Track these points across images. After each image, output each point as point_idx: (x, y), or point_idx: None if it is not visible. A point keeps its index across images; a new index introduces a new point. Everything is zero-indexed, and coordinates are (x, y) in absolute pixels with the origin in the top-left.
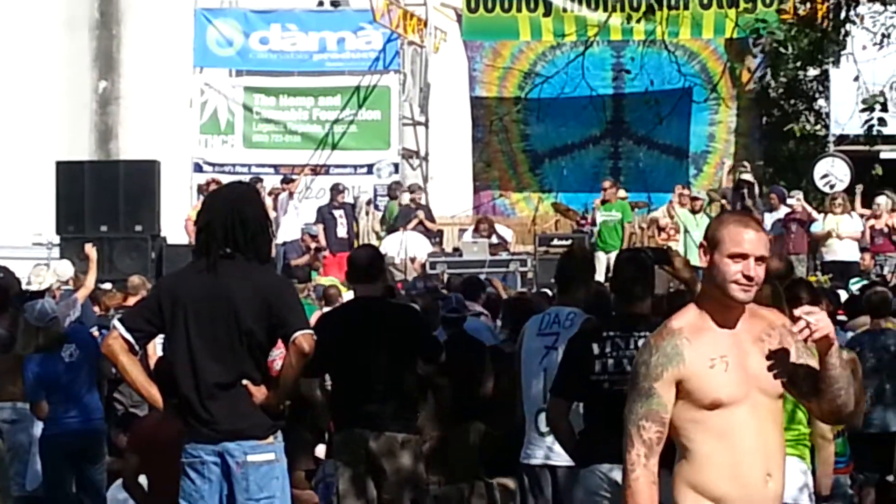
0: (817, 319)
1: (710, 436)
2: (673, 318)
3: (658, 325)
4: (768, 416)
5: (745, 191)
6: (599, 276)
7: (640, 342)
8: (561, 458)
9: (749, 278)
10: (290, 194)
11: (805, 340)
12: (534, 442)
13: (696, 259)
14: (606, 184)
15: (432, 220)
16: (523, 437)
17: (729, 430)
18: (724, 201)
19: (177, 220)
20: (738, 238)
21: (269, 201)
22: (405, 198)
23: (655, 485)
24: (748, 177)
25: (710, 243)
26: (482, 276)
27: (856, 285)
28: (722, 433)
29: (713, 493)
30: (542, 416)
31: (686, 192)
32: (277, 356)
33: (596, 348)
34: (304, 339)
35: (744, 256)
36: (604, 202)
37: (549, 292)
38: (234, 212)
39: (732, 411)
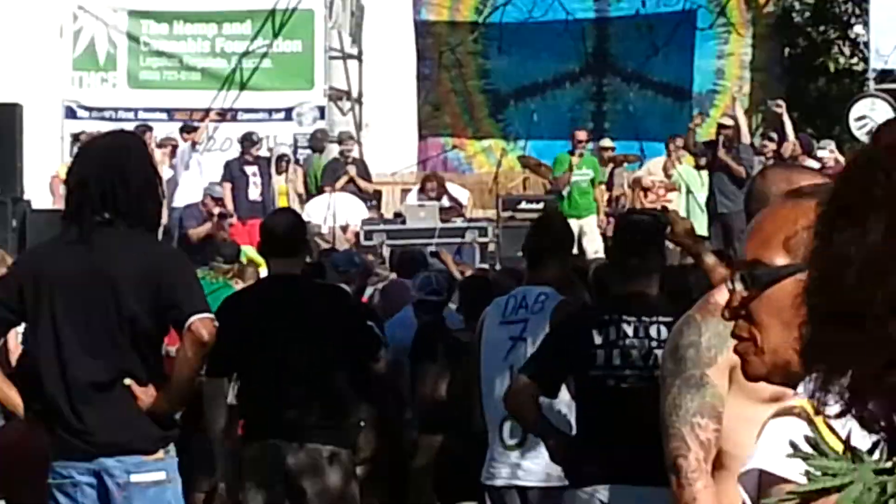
0: None
1: None
2: (717, 292)
3: (671, 307)
4: None
5: (722, 139)
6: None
7: (653, 330)
8: (531, 478)
9: None
10: (193, 145)
11: None
12: (497, 458)
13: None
14: (582, 135)
15: (367, 177)
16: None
17: None
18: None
19: (44, 179)
20: None
21: (159, 155)
22: (333, 150)
23: (717, 497)
24: (727, 120)
25: None
26: (430, 249)
27: None
28: None
29: None
30: (509, 426)
31: (679, 143)
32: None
33: (597, 337)
34: (202, 324)
35: None
36: (580, 156)
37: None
38: (113, 167)
39: None
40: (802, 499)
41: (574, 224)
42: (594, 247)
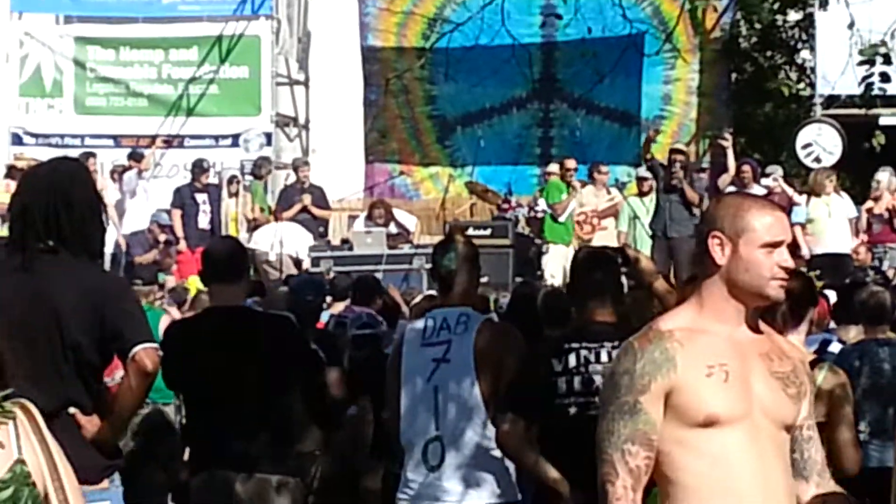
0: None
1: (699, 463)
2: (661, 319)
3: (627, 334)
4: (771, 446)
5: (679, 164)
6: (558, 272)
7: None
8: (452, 498)
9: (786, 269)
10: (140, 173)
11: None
12: (419, 480)
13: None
14: (571, 163)
15: (325, 205)
16: None
17: (724, 456)
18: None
19: None
20: (769, 223)
21: (106, 182)
22: (277, 176)
23: None
24: (681, 146)
25: (731, 232)
26: (378, 275)
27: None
28: (716, 460)
29: None
30: (434, 448)
31: (604, 170)
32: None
33: (557, 364)
34: (146, 354)
35: (777, 245)
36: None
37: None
38: (57, 194)
39: (729, 433)
40: None
41: (562, 250)
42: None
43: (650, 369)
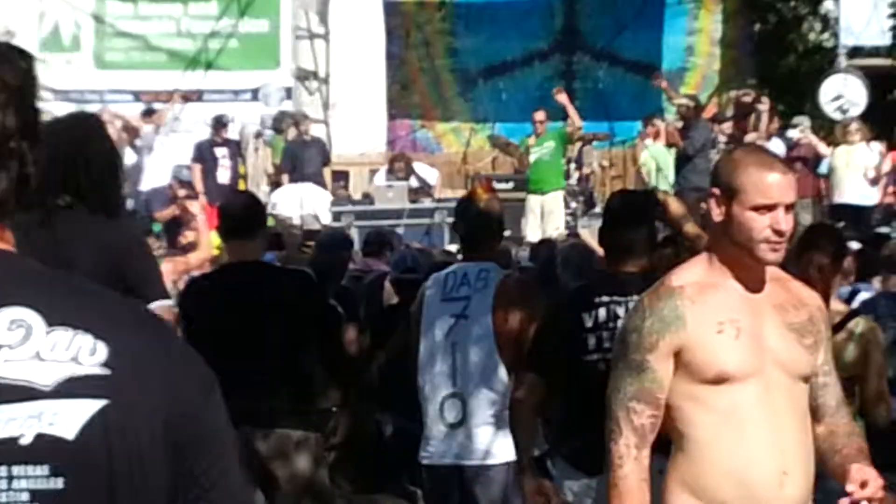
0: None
1: (710, 418)
2: (672, 274)
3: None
4: (786, 399)
5: (676, 116)
6: (535, 223)
7: None
8: (475, 457)
9: (780, 233)
10: (157, 128)
11: None
12: (439, 437)
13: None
14: (540, 115)
15: (327, 160)
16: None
17: (734, 411)
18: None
19: None
20: (763, 184)
21: (120, 135)
22: (291, 132)
23: (647, 482)
24: (683, 100)
25: (726, 191)
26: (399, 230)
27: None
28: (727, 415)
29: (714, 494)
30: (452, 404)
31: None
32: None
33: (588, 319)
34: (163, 311)
35: (771, 207)
36: (537, 136)
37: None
38: (75, 147)
39: (740, 388)
40: None
41: (536, 200)
42: (555, 224)
43: (658, 327)
